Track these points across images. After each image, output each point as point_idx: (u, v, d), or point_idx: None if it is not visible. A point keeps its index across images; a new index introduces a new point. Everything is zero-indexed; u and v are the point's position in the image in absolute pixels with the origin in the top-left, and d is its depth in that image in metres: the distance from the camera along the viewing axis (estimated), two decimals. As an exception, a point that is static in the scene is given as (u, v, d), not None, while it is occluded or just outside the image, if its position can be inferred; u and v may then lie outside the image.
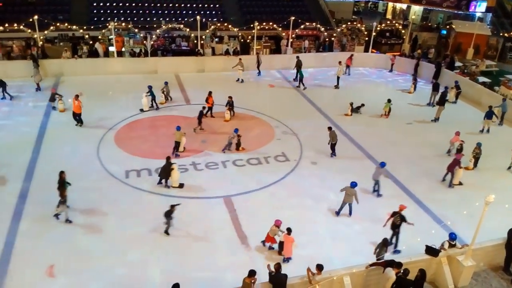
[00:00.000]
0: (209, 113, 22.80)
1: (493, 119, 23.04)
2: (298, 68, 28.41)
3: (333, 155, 19.92)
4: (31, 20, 26.87)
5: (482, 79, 29.47)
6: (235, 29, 31.68)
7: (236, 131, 19.50)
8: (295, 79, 29.02)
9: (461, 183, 18.25)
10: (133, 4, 34.69)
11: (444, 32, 39.00)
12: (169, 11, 35.03)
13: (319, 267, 11.33)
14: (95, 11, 33.59)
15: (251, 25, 30.82)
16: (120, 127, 21.57)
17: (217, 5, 36.63)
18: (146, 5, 34.94)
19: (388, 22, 40.45)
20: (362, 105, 24.75)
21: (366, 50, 33.86)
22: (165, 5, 35.39)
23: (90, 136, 20.39)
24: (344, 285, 11.82)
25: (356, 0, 50.63)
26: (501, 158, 19.83)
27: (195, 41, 30.63)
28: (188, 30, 30.81)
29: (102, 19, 31.09)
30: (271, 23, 31.76)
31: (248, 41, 32.45)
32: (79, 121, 21.23)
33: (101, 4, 34.12)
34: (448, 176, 18.16)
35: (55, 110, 22.76)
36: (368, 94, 27.52)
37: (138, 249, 13.65)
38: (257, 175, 18.14)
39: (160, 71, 29.09)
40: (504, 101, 24.02)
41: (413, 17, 39.74)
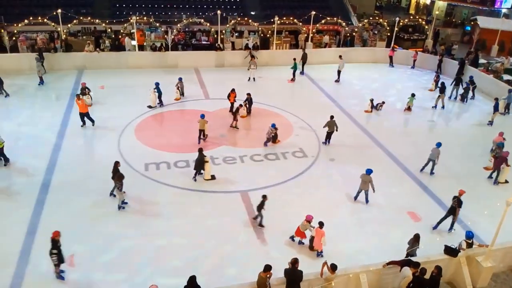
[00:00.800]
0: (232, 109, 22.89)
1: (500, 110, 23.39)
2: (303, 62, 28.95)
3: (325, 143, 20.20)
4: (55, 13, 27.45)
5: (506, 77, 28.78)
6: (255, 24, 31.65)
7: (273, 125, 19.83)
8: (302, 72, 29.33)
9: (507, 181, 18.03)
10: (155, -1, 35.00)
11: (468, 28, 38.15)
12: (190, 5, 35.18)
13: (333, 267, 11.30)
14: (117, 5, 34.00)
15: (272, 20, 30.75)
16: (140, 120, 21.84)
17: (238, 0, 36.65)
18: (167, -1, 35.22)
19: (411, 17, 39.78)
20: (382, 102, 24.49)
21: (388, 46, 33.38)
22: (186, -1, 35.63)
23: (110, 129, 20.70)
24: (361, 282, 11.78)
25: (379, -6, 49.94)
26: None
27: (215, 36, 30.73)
28: (208, 24, 30.92)
29: (124, 13, 31.47)
30: (291, 18, 31.64)
31: (268, 35, 32.37)
32: (90, 120, 20.41)
33: (123, -2, 34.56)
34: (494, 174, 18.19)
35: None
36: (388, 91, 27.25)
37: (156, 241, 13.86)
38: (274, 171, 18.16)
39: (180, 65, 29.31)
40: (510, 92, 24.22)
41: (436, 12, 38.95)
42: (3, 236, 13.70)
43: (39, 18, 27.51)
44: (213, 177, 17.14)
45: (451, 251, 12.58)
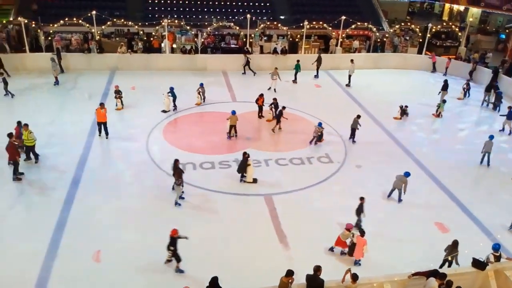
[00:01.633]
0: (260, 112, 22.99)
1: None
2: (319, 64, 29.17)
3: (351, 139, 20.85)
4: (89, 15, 28.24)
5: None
6: (284, 28, 31.67)
7: (320, 124, 20.34)
8: (316, 75, 29.39)
9: None
10: (186, 2, 35.50)
11: (503, 36, 37.01)
12: (220, 9, 35.58)
13: (354, 277, 11.11)
14: (150, 8, 34.76)
15: (301, 24, 30.70)
16: (169, 121, 22.20)
17: (267, 4, 36.80)
18: (198, 3, 35.65)
19: (444, 23, 38.97)
20: (405, 107, 24.11)
21: (420, 52, 32.81)
22: (217, 3, 35.96)
23: (139, 129, 21.13)
24: (384, 292, 11.57)
25: (411, 0, 49.13)
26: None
27: (244, 39, 30.91)
28: (238, 28, 31.15)
29: (156, 16, 32.07)
30: (321, 23, 31.51)
31: (297, 40, 32.33)
32: (106, 132, 19.94)
33: (156, 1, 35.20)
34: None
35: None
36: (418, 97, 26.78)
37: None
38: (299, 175, 18.08)
39: (209, 68, 29.64)
40: None
41: (470, 19, 38.00)
42: (33, 229, 14.12)
43: (74, 19, 28.33)
44: (255, 180, 17.22)
45: (479, 264, 12.22)
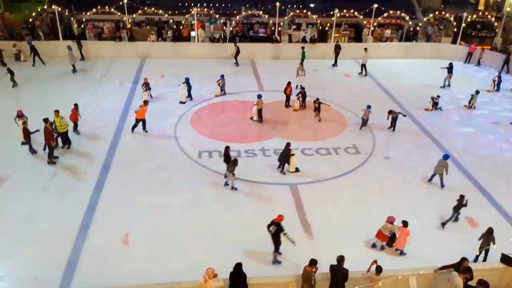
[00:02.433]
0: (287, 101, 22.92)
1: None
2: (337, 54, 29.07)
3: (391, 128, 20.77)
4: (121, 3, 28.69)
5: None
6: (314, 16, 31.27)
7: (369, 107, 20.39)
8: (335, 64, 29.16)
9: None
10: (216, -9, 35.48)
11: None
12: (249, -3, 35.37)
13: (378, 270, 11.01)
14: (180, -4, 34.85)
15: (331, 13, 30.23)
16: (197, 109, 22.41)
17: (297, -8, 36.33)
18: (228, -9, 35.58)
19: (480, 13, 37.55)
20: (437, 96, 23.43)
21: (454, 42, 31.81)
22: (246, -9, 35.77)
23: (168, 115, 21.44)
24: (409, 285, 11.40)
25: (446, -12, 47.52)
26: None
27: (273, 28, 30.70)
28: (266, 16, 30.95)
29: (186, 4, 32.22)
30: (351, 11, 30.93)
31: (327, 28, 31.88)
32: (143, 127, 19.59)
33: (185, -10, 35.31)
34: None
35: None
36: (450, 88, 26.16)
37: (198, 242, 14.22)
38: (325, 166, 17.95)
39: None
40: None
41: (507, 9, 36.40)
42: (65, 211, 14.59)
43: (106, 8, 28.88)
44: (297, 169, 17.28)
45: (508, 260, 11.93)
